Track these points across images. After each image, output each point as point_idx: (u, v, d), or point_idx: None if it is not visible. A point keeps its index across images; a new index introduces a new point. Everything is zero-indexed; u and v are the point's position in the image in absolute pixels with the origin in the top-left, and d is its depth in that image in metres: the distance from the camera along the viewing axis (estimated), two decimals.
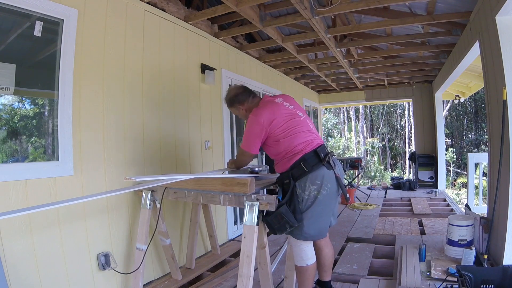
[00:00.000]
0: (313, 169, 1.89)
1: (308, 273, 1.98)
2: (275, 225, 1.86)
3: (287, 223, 1.83)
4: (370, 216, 4.56)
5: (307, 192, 1.89)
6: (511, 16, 2.40)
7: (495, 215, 2.61)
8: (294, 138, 1.96)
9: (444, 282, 2.24)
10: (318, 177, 1.89)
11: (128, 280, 2.44)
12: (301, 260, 1.98)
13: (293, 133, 1.97)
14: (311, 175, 1.89)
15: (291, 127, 1.97)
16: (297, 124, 2.00)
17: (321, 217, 1.94)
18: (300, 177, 1.90)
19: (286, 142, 1.96)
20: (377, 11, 3.64)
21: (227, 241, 3.78)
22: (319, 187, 1.88)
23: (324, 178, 1.90)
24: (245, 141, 2.08)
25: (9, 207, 1.81)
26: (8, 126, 2.07)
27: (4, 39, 1.96)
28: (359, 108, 17.49)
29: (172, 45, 3.12)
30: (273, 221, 1.85)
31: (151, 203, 2.41)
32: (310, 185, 1.88)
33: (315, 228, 1.94)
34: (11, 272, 1.77)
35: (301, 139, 1.96)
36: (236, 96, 2.22)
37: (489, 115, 2.91)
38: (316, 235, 1.98)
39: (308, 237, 1.94)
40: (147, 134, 2.74)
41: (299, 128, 1.99)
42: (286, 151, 1.97)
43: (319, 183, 1.88)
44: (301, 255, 1.97)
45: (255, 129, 1.99)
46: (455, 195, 12.55)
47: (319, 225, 1.95)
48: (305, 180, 1.89)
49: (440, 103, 6.95)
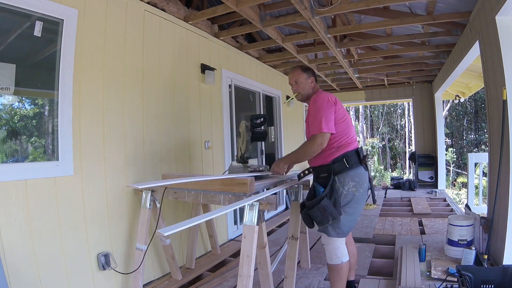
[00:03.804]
0: (354, 167, 1.94)
1: (343, 271, 1.98)
2: (318, 218, 1.88)
3: (331, 215, 1.86)
4: (370, 216, 4.55)
5: (346, 187, 1.93)
6: (511, 16, 2.40)
7: (495, 215, 2.61)
8: (346, 129, 1.99)
9: (444, 282, 2.24)
10: (357, 175, 1.95)
11: (128, 280, 2.44)
12: (336, 258, 1.98)
13: (346, 125, 2.00)
14: (351, 171, 1.94)
15: (346, 120, 2.02)
16: (349, 121, 2.05)
17: (354, 215, 1.98)
18: (341, 172, 1.94)
19: (340, 128, 1.97)
20: (377, 11, 3.64)
21: (227, 241, 3.78)
22: (357, 185, 1.94)
23: (361, 177, 1.96)
24: (318, 122, 1.91)
25: (9, 207, 1.81)
26: (8, 126, 2.07)
27: (4, 39, 1.96)
28: (359, 108, 17.49)
29: (172, 45, 3.12)
30: (316, 213, 1.88)
31: (151, 203, 2.41)
32: (350, 181, 1.93)
33: (348, 225, 1.97)
34: (11, 272, 1.77)
35: (350, 135, 2.02)
36: (308, 68, 2.25)
37: (489, 115, 2.91)
38: (347, 232, 2.01)
39: (341, 233, 1.96)
40: (147, 134, 2.74)
41: (350, 124, 2.05)
42: (335, 140, 1.96)
43: (358, 180, 1.94)
44: (336, 253, 1.98)
45: (327, 106, 1.95)
46: (455, 195, 12.55)
47: (352, 222, 2.00)
48: (345, 175, 1.94)
49: (440, 103, 6.95)
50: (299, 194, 2.45)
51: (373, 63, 5.81)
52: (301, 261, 2.85)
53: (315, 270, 2.78)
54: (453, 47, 4.39)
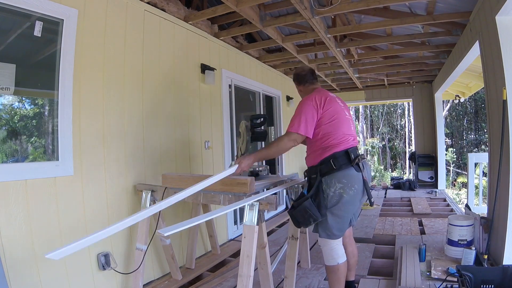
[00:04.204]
0: (341, 168, 1.92)
1: (340, 272, 1.98)
2: (300, 219, 1.90)
3: (311, 217, 1.87)
4: (370, 216, 4.55)
5: (333, 189, 1.91)
6: (511, 16, 2.40)
7: (495, 215, 2.61)
8: (334, 130, 1.97)
9: (444, 282, 2.24)
10: (345, 176, 1.92)
11: (128, 280, 2.44)
12: (332, 259, 1.98)
13: (335, 125, 1.98)
14: (338, 173, 1.92)
15: (334, 120, 2.00)
16: (340, 121, 2.01)
17: (343, 217, 1.96)
18: (327, 174, 1.93)
19: (327, 129, 1.97)
20: (377, 11, 3.64)
21: (227, 241, 3.79)
22: (345, 186, 1.91)
23: (351, 178, 1.92)
24: (293, 122, 1.98)
25: (9, 207, 1.81)
26: (8, 126, 2.07)
27: (4, 39, 1.97)
28: (359, 108, 17.48)
29: (172, 45, 3.12)
30: (298, 214, 1.90)
31: (151, 203, 2.41)
32: (336, 182, 1.91)
33: (337, 227, 1.96)
34: (11, 272, 1.78)
35: (339, 135, 1.98)
36: (297, 75, 2.28)
37: (489, 115, 2.91)
38: (337, 234, 1.99)
39: (331, 235, 1.95)
40: (147, 134, 2.74)
41: (340, 124, 2.00)
42: (321, 141, 1.97)
43: (345, 181, 1.91)
44: (331, 254, 1.98)
45: (305, 108, 1.97)
46: (455, 195, 12.54)
47: (341, 224, 1.98)
48: (331, 177, 1.92)
49: (440, 103, 6.95)
50: (299, 194, 2.45)
51: (373, 63, 5.81)
52: (301, 261, 2.85)
53: (315, 270, 2.78)
54: (453, 47, 4.39)
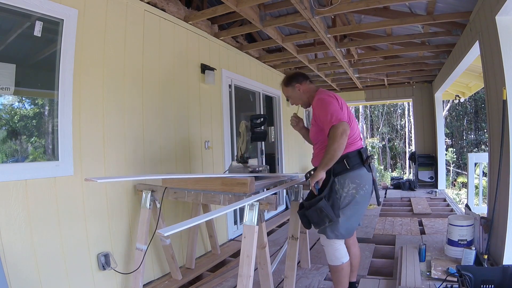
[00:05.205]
0: (354, 168, 1.91)
1: (344, 271, 1.98)
2: (314, 219, 1.87)
3: (327, 217, 1.84)
4: (370, 216, 4.55)
5: (346, 189, 1.90)
6: (511, 16, 2.40)
7: (495, 215, 2.61)
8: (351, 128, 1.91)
9: (444, 282, 2.24)
10: (358, 177, 1.91)
11: (128, 280, 2.44)
12: (335, 259, 1.98)
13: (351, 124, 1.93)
14: (352, 173, 1.90)
15: (351, 118, 1.98)
16: (352, 122, 2.00)
17: (354, 217, 1.96)
18: (341, 174, 1.91)
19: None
20: (377, 11, 3.64)
21: (227, 241, 3.78)
22: (357, 186, 1.90)
23: (363, 178, 1.92)
24: (330, 116, 1.83)
25: (9, 207, 1.81)
26: (8, 126, 2.07)
27: (4, 39, 1.97)
28: (359, 108, 17.48)
29: (172, 45, 3.12)
30: (312, 215, 1.86)
31: (151, 203, 2.41)
32: (350, 183, 1.90)
33: (348, 227, 1.95)
34: (11, 272, 1.77)
35: (354, 134, 1.96)
36: (295, 76, 2.22)
37: (489, 115, 2.91)
38: (346, 234, 1.98)
39: (339, 235, 1.94)
40: (147, 134, 2.74)
41: (352, 125, 1.96)
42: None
43: (358, 182, 1.90)
44: (335, 254, 1.97)
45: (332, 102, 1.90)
46: (455, 195, 12.54)
47: (352, 224, 1.97)
48: (345, 177, 1.90)
49: (440, 103, 6.95)
50: (299, 194, 2.45)
51: (373, 63, 5.81)
52: (301, 261, 2.85)
53: (315, 270, 2.78)
54: (453, 47, 4.39)
